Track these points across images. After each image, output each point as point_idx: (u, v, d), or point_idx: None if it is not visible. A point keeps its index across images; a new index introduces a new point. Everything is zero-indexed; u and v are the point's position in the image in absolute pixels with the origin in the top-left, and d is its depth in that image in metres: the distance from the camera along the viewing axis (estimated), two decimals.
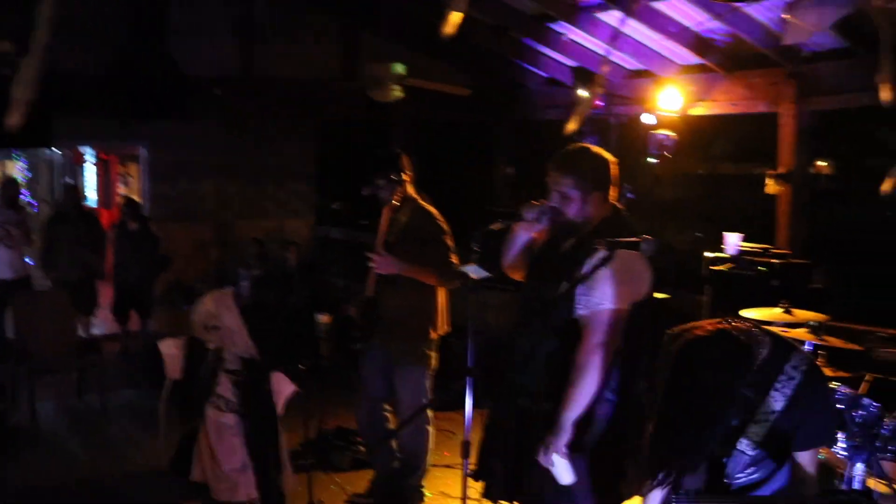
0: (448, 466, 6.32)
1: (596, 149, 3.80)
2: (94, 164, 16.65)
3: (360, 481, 5.99)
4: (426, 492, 5.72)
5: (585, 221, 3.68)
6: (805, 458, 3.02)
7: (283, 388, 4.77)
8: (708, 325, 2.97)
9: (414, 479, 5.62)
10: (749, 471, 3.02)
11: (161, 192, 11.15)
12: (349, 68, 10.53)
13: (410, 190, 5.49)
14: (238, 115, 10.41)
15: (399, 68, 7.39)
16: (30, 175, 18.31)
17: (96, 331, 10.48)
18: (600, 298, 3.46)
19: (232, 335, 4.66)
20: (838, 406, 4.38)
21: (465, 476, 3.89)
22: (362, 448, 6.31)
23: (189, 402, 4.78)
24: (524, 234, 3.89)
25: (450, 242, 5.32)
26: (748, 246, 6.99)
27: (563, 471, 3.57)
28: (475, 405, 3.84)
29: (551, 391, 3.54)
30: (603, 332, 3.47)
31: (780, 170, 7.41)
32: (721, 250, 7.07)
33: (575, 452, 3.56)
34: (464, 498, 3.90)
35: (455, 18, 4.17)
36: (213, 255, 11.43)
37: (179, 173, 11.15)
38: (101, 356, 8.31)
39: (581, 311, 3.51)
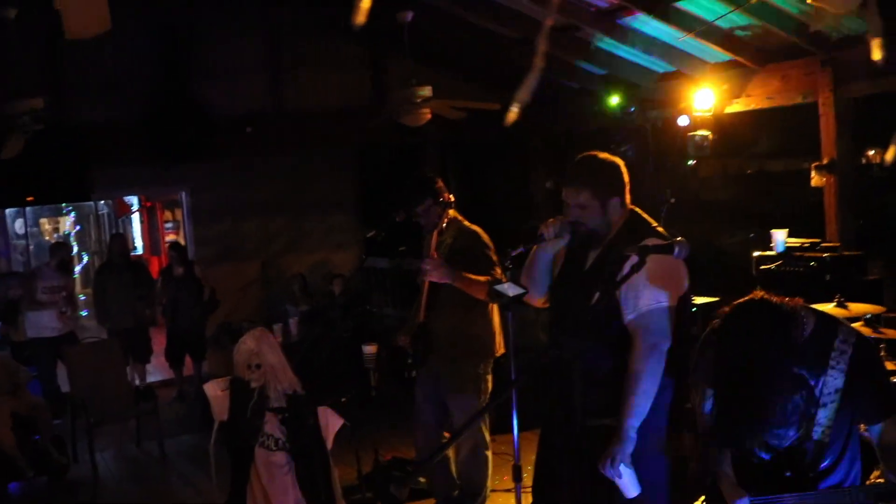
0: (509, 491, 6.20)
1: (603, 155, 3.79)
2: (139, 212, 16.87)
3: None
4: None
5: (608, 228, 3.67)
6: (882, 430, 2.94)
7: (332, 422, 4.71)
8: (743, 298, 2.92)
9: None
10: (826, 463, 2.96)
11: (205, 235, 11.22)
12: (379, 95, 10.55)
13: (452, 211, 5.43)
14: (273, 151, 10.47)
15: (426, 91, 7.35)
16: (79, 228, 18.64)
17: (152, 378, 10.56)
18: (648, 300, 3.41)
19: (275, 372, 4.60)
20: None
21: (519, 501, 3.79)
22: (421, 479, 6.21)
23: (238, 443, 4.73)
24: (545, 254, 3.86)
25: (495, 259, 5.25)
26: (796, 241, 6.82)
27: (629, 483, 3.47)
28: (528, 427, 3.78)
29: (605, 404, 3.46)
30: (655, 334, 3.43)
31: (824, 160, 7.23)
32: (770, 249, 6.92)
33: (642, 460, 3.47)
34: None
35: (365, 4, 4.07)
36: (260, 293, 11.46)
37: (222, 214, 11.21)
38: (157, 403, 8.33)
39: (630, 315, 3.45)
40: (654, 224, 3.70)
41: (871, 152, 8.04)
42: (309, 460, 4.60)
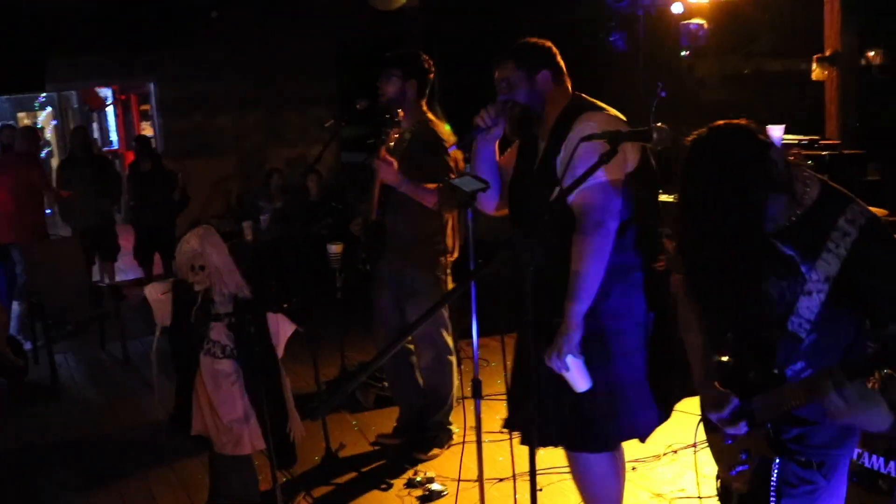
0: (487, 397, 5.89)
1: (533, 38, 3.52)
2: (114, 105, 16.30)
3: (387, 420, 5.62)
4: (455, 428, 5.30)
5: (542, 104, 3.41)
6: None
7: (283, 328, 4.34)
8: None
9: (441, 416, 5.22)
10: (799, 365, 2.47)
11: (176, 128, 10.78)
12: None
13: (422, 103, 4.96)
14: (242, 39, 9.91)
15: None
16: (56, 122, 18.11)
17: (123, 277, 10.22)
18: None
19: (220, 274, 4.20)
20: None
21: (478, 417, 3.46)
22: (387, 383, 5.90)
23: (181, 350, 4.38)
24: (487, 146, 3.57)
25: (449, 161, 4.79)
26: (793, 138, 6.39)
27: (578, 376, 3.20)
28: (490, 331, 3.53)
29: (552, 300, 3.18)
30: (599, 210, 3.13)
31: (826, 52, 6.75)
32: None
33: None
34: (479, 440, 3.49)
35: None
36: (235, 189, 11.06)
37: (193, 107, 10.76)
38: (124, 303, 8.00)
39: (570, 197, 3.08)
40: (603, 106, 3.41)
41: (871, 53, 7.58)
42: (258, 369, 4.24)
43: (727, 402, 2.53)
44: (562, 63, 3.50)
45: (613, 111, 3.40)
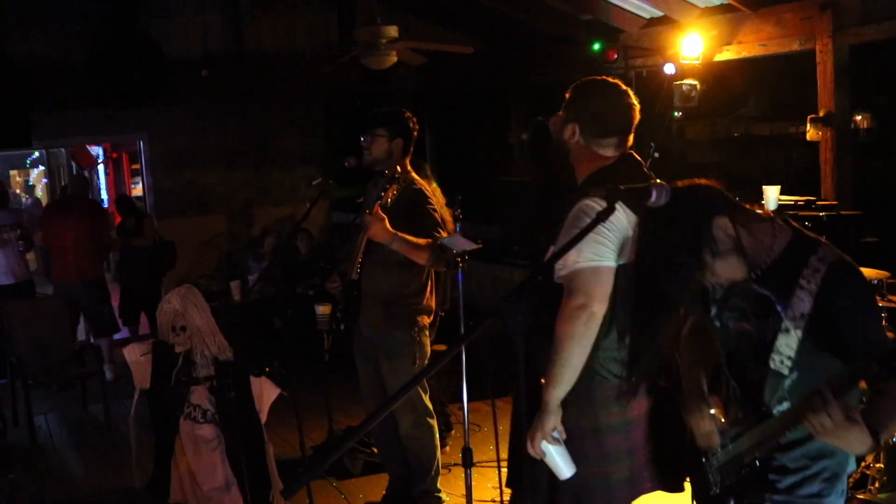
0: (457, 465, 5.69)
1: (611, 86, 3.24)
2: (104, 163, 16.24)
3: (375, 487, 5.43)
4: (444, 495, 5.10)
5: (567, 152, 3.23)
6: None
7: (266, 392, 4.20)
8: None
9: (427, 484, 5.00)
10: (785, 405, 2.49)
11: (164, 185, 10.65)
12: (346, 38, 9.91)
13: (406, 162, 4.85)
14: (233, 96, 9.83)
15: (392, 31, 6.74)
16: (46, 181, 18.03)
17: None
18: (575, 256, 2.87)
19: (202, 336, 4.08)
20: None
21: (469, 487, 3.31)
22: (375, 449, 5.71)
23: (161, 414, 4.23)
24: None
25: (437, 216, 4.67)
26: (790, 199, 6.31)
27: (558, 461, 2.94)
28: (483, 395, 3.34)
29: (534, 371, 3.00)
30: (585, 294, 2.89)
31: (820, 113, 6.71)
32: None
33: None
34: None
35: None
36: (224, 248, 10.92)
37: (182, 164, 10.64)
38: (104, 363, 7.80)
39: (560, 272, 2.94)
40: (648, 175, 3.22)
41: (859, 117, 7.60)
42: (240, 434, 4.08)
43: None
44: (624, 121, 3.22)
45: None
